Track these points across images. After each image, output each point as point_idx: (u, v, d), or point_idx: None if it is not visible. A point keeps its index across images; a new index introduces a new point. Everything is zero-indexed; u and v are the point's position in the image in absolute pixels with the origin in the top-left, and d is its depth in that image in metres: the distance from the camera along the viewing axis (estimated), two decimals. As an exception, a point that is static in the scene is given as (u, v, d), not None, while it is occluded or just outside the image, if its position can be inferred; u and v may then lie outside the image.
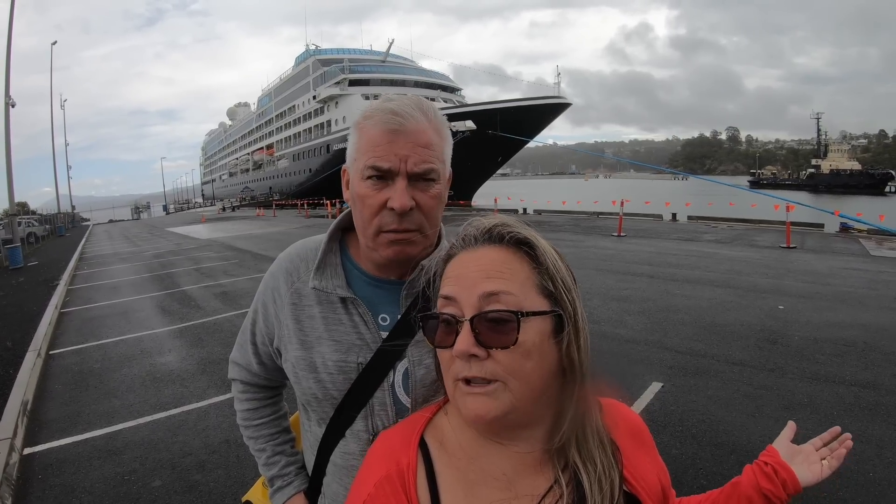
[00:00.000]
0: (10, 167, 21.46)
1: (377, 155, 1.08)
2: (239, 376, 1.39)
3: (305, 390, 1.19)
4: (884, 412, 4.41)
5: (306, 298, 1.21)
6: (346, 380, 1.15)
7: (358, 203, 1.13)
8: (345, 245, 1.27)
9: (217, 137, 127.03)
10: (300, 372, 1.19)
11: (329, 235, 1.25)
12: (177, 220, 51.59)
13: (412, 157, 1.09)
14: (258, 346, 1.32)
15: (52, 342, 7.94)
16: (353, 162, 1.15)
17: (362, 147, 1.11)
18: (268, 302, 1.27)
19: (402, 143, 1.09)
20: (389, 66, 62.45)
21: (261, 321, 1.29)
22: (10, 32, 21.58)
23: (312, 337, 1.19)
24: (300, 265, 1.25)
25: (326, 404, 1.17)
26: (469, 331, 0.78)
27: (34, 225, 32.96)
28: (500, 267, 0.81)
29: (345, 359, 1.15)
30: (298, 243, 1.31)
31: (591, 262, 12.17)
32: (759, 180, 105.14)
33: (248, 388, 1.39)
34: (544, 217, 26.05)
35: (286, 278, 1.24)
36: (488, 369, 0.77)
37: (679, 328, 6.92)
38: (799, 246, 13.85)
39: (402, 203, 1.07)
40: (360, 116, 1.14)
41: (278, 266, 1.28)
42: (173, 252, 20.01)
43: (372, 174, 1.09)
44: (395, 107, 1.10)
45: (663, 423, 4.40)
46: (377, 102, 1.14)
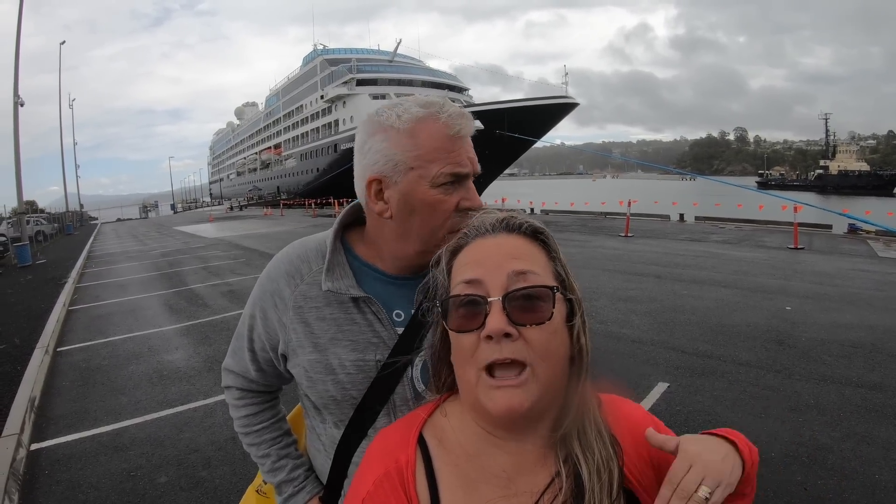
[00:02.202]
0: (19, 166, 21.61)
1: (454, 161, 1.08)
2: (235, 384, 1.35)
3: (322, 393, 1.17)
4: (891, 414, 4.38)
5: (313, 300, 1.18)
6: (365, 378, 1.14)
7: (424, 211, 1.10)
8: (347, 243, 1.25)
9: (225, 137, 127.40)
10: (315, 375, 1.17)
11: (334, 234, 1.22)
12: (184, 218, 51.77)
13: (473, 156, 1.12)
14: (256, 353, 1.28)
15: (59, 339, 7.99)
16: (406, 170, 1.09)
17: (426, 153, 1.08)
18: (267, 307, 1.23)
19: (468, 146, 1.11)
20: (397, 65, 62.47)
21: (259, 327, 1.25)
22: (18, 33, 21.71)
23: (325, 339, 1.16)
24: (302, 266, 1.21)
25: (346, 405, 1.16)
26: (501, 309, 0.78)
27: (42, 223, 33.09)
28: (524, 251, 0.83)
29: (362, 357, 1.14)
30: (295, 244, 1.28)
31: (597, 262, 12.14)
32: (767, 181, 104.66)
33: (246, 395, 1.35)
34: (551, 217, 25.97)
35: (288, 281, 1.21)
36: (520, 350, 0.77)
37: (686, 329, 6.89)
38: (807, 247, 13.77)
39: (480, 202, 1.11)
40: (403, 118, 1.10)
41: (276, 269, 1.24)
42: (181, 251, 20.09)
43: (449, 181, 1.08)
44: (456, 109, 1.10)
45: (669, 424, 4.33)
46: (418, 102, 1.12)
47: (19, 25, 21.87)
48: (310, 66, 70.96)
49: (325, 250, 1.21)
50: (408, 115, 1.09)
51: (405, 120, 1.09)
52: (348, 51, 68.21)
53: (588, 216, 25.94)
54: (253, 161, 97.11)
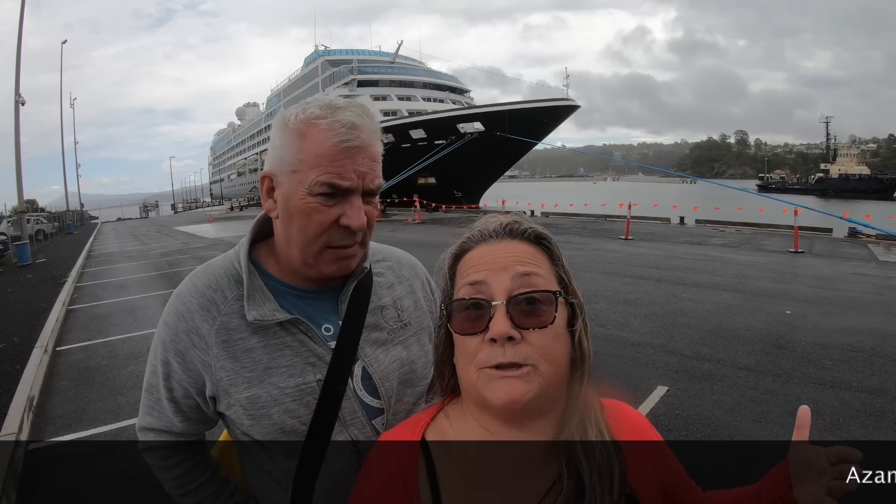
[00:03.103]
0: (20, 165, 21.66)
1: (335, 172, 1.01)
2: (159, 443, 1.20)
3: (268, 427, 1.08)
4: (890, 418, 4.38)
5: (236, 332, 1.08)
6: (310, 401, 1.07)
7: (300, 218, 1.04)
8: (258, 263, 1.16)
9: (226, 137, 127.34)
10: (257, 411, 1.07)
11: (246, 255, 1.13)
12: (185, 218, 51.83)
13: (369, 174, 1.04)
14: (178, 402, 1.15)
15: (58, 339, 7.99)
16: (290, 172, 1.04)
17: (308, 158, 1.02)
18: (184, 349, 1.10)
19: (360, 159, 1.03)
20: (398, 67, 62.43)
21: (178, 372, 1.12)
22: (20, 32, 21.76)
23: (259, 370, 1.07)
24: (216, 297, 1.11)
25: (294, 434, 1.08)
26: (505, 313, 0.79)
27: (43, 222, 33.19)
28: (528, 255, 0.84)
29: (303, 381, 1.08)
30: (198, 272, 1.17)
31: (598, 265, 12.14)
32: (768, 184, 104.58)
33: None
34: (552, 220, 25.95)
35: (203, 315, 1.09)
36: (522, 352, 0.78)
37: (685, 332, 6.89)
38: (807, 250, 13.77)
39: (361, 222, 1.04)
40: (299, 117, 1.04)
41: (186, 305, 1.11)
42: (181, 251, 20.11)
43: (325, 191, 1.02)
44: (352, 118, 1.02)
45: (668, 427, 4.38)
46: (320, 104, 1.05)
47: (21, 24, 21.90)
48: (311, 67, 70.92)
49: (235, 274, 1.12)
50: (303, 116, 1.04)
51: (299, 120, 1.04)
52: (350, 52, 68.16)
53: (588, 219, 25.93)
54: (254, 161, 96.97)
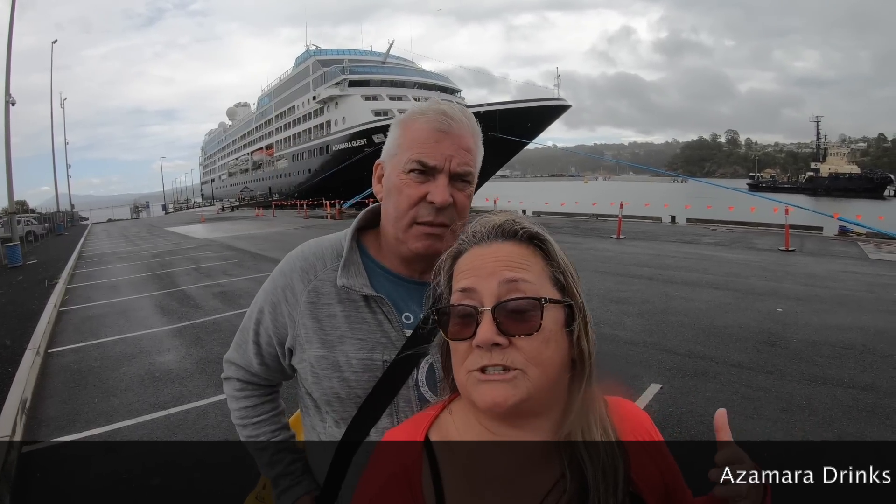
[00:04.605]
0: (10, 165, 21.46)
1: (425, 151, 1.12)
2: (236, 375, 1.35)
3: (327, 390, 1.17)
4: (881, 414, 4.42)
5: (325, 297, 1.20)
6: (371, 378, 1.15)
7: (394, 193, 1.16)
8: (363, 244, 1.28)
9: (216, 137, 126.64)
10: (321, 371, 1.17)
11: (351, 234, 1.25)
12: (176, 219, 51.50)
13: (456, 157, 1.14)
14: (262, 347, 1.28)
15: (51, 340, 7.92)
16: (392, 156, 1.18)
17: (406, 143, 1.15)
18: (278, 301, 1.24)
19: (449, 143, 1.13)
20: (389, 67, 62.31)
21: (268, 321, 1.25)
22: (10, 31, 21.59)
23: (334, 336, 1.18)
24: (317, 263, 1.23)
25: (350, 403, 1.16)
26: (491, 320, 0.79)
27: (33, 223, 32.83)
28: (517, 259, 0.84)
29: (370, 357, 1.16)
30: (311, 242, 1.30)
31: (590, 263, 12.16)
32: (758, 183, 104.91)
33: (246, 386, 1.35)
34: (543, 219, 25.99)
35: (302, 276, 1.22)
36: (509, 358, 0.78)
37: (678, 330, 6.93)
38: (798, 249, 13.87)
39: (444, 198, 1.12)
40: (407, 114, 1.18)
41: (290, 265, 1.26)
42: (172, 252, 19.96)
43: (416, 168, 1.13)
44: (447, 109, 1.15)
45: (661, 425, 4.35)
46: (427, 104, 1.18)
47: (11, 24, 21.72)
48: (302, 67, 70.61)
49: (340, 249, 1.24)
50: (413, 111, 1.17)
51: (413, 113, 1.17)
52: (341, 52, 67.92)
53: (580, 218, 26.01)
54: (245, 162, 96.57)
